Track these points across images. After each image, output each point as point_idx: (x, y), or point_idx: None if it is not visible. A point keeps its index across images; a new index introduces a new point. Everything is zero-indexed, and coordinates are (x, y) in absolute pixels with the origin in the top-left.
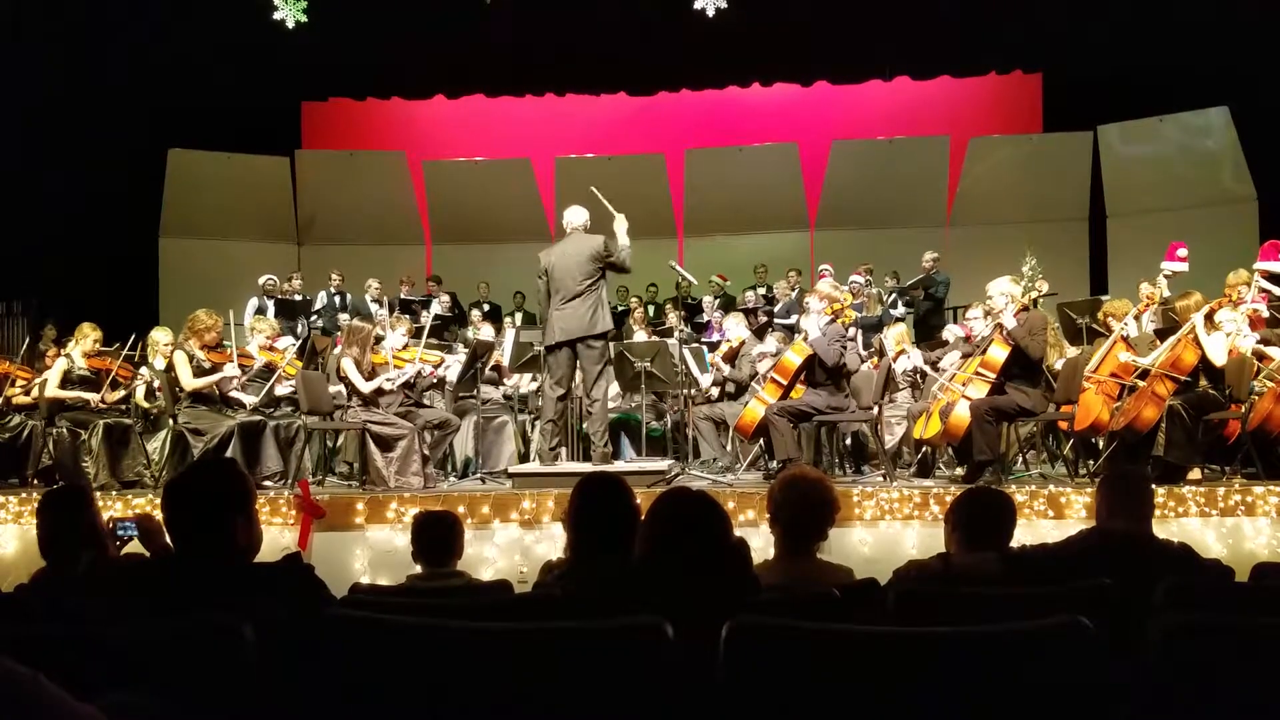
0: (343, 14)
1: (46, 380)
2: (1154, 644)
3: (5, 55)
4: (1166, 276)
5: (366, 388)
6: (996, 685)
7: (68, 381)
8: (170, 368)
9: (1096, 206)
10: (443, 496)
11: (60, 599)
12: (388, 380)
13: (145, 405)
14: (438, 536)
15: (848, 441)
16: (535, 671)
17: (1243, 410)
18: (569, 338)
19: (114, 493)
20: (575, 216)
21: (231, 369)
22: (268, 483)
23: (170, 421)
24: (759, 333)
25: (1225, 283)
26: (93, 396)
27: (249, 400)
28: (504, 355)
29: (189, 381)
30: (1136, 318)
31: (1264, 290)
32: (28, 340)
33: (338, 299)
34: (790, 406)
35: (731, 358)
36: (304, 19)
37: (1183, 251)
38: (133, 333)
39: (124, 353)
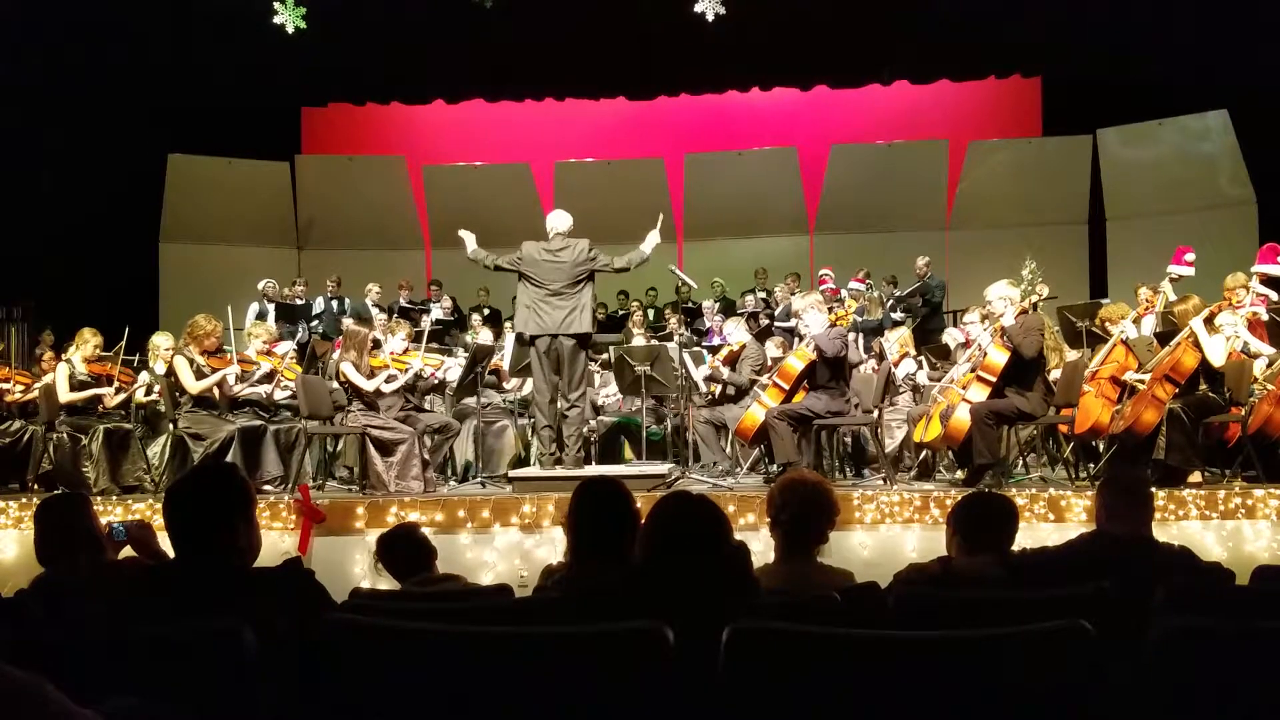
0: (342, 19)
1: (54, 386)
2: (1154, 647)
3: (5, 59)
4: (1173, 280)
5: (369, 385)
6: (997, 689)
7: (70, 388)
8: (170, 373)
9: (1096, 210)
10: (443, 501)
11: (61, 604)
12: (387, 382)
13: (143, 400)
14: (407, 551)
15: (848, 444)
16: (536, 676)
17: (1243, 413)
18: (545, 331)
19: (114, 497)
20: (559, 221)
21: (233, 369)
22: (268, 487)
23: (170, 426)
24: (760, 336)
25: (1224, 285)
26: (107, 391)
27: (265, 390)
28: (504, 360)
29: (192, 385)
30: (1135, 321)
31: (1261, 294)
32: (9, 341)
33: (335, 304)
34: (790, 410)
35: (732, 361)
36: (303, 25)
37: (1190, 256)
38: (134, 338)
39: (122, 357)
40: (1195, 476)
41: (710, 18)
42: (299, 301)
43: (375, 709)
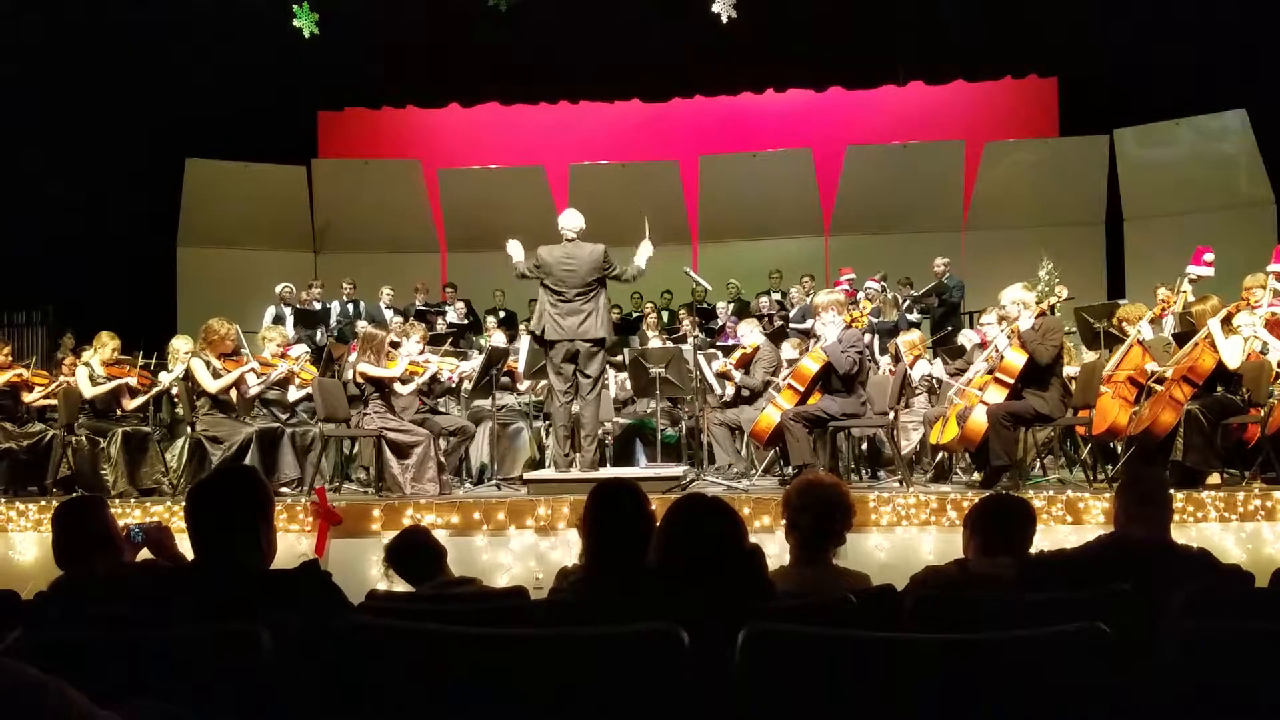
0: (358, 23)
1: (74, 388)
2: (1173, 650)
3: (24, 65)
4: (1192, 281)
5: (395, 372)
6: (1014, 692)
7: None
8: (189, 375)
9: (1113, 210)
10: (458, 503)
11: (79, 606)
12: (403, 384)
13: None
14: (417, 556)
15: (864, 447)
16: (551, 678)
17: (1262, 414)
18: (563, 337)
19: (132, 500)
20: (571, 222)
21: (252, 365)
22: (285, 490)
23: (188, 429)
24: (774, 338)
25: (1243, 285)
26: (130, 381)
27: (294, 395)
28: (519, 362)
29: (210, 384)
30: (1152, 322)
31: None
32: (29, 344)
33: (351, 307)
34: (806, 412)
35: (745, 363)
36: (316, 31)
37: (1209, 256)
38: (152, 341)
39: (140, 360)
40: (1214, 478)
41: (725, 19)
42: (316, 306)
43: (391, 710)
